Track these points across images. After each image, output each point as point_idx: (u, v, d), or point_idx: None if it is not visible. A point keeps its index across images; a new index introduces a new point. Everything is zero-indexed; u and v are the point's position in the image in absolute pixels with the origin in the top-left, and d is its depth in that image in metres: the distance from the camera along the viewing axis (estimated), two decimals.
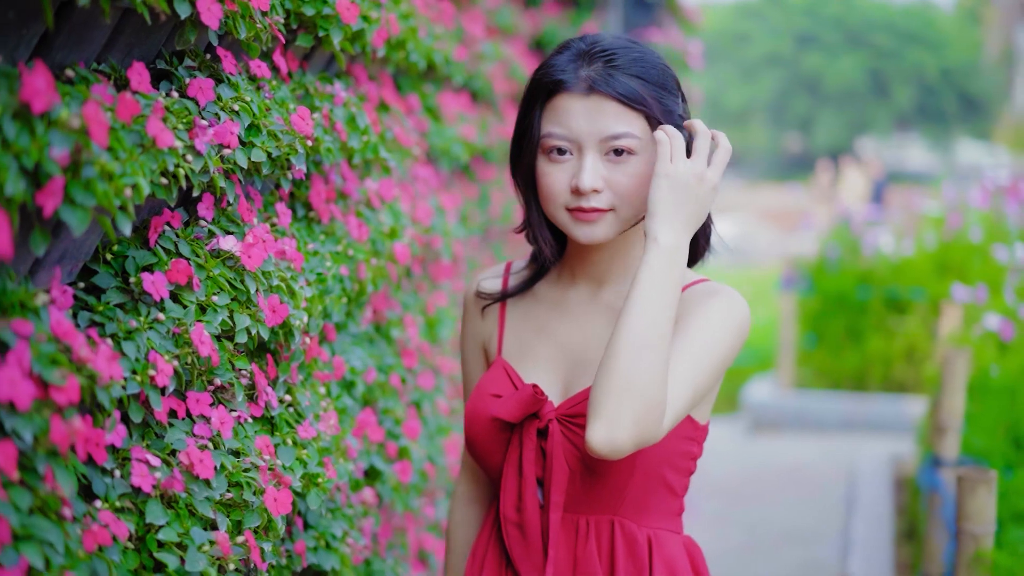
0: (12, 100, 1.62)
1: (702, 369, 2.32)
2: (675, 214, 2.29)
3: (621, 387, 2.21)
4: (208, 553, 2.08)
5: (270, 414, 2.53)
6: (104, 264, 2.16)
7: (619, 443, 2.21)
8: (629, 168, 2.37)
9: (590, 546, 2.46)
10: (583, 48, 2.42)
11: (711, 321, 2.37)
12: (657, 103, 2.38)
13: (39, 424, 1.66)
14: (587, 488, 2.45)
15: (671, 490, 2.49)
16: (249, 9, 2.33)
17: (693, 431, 2.47)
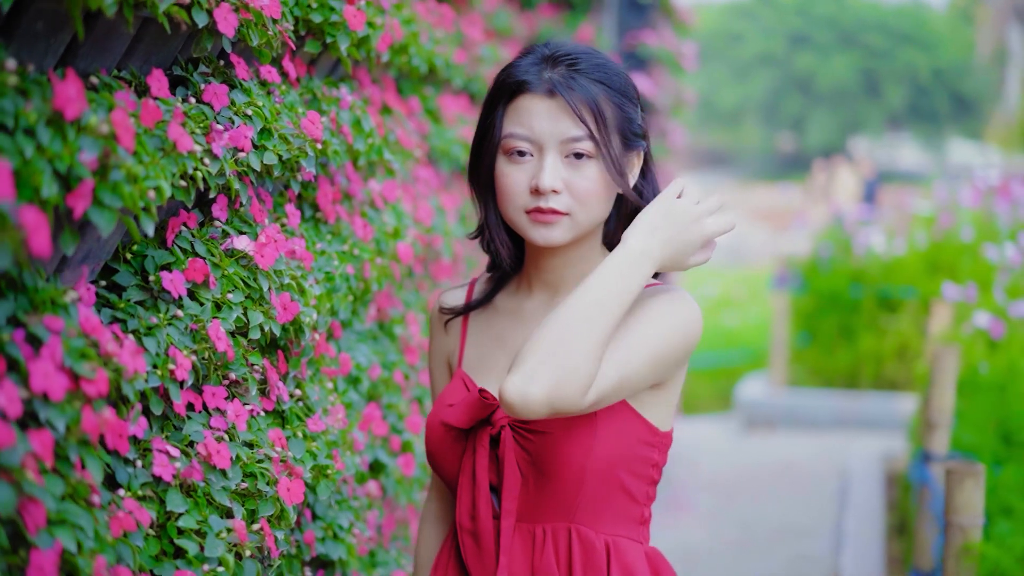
0: (46, 107, 1.71)
1: (635, 357, 2.31)
2: (656, 230, 2.33)
3: (548, 348, 2.22)
4: (226, 540, 2.17)
5: (281, 408, 2.62)
6: (124, 263, 2.25)
7: (531, 398, 2.21)
8: (588, 172, 2.39)
9: (547, 555, 2.45)
10: (547, 52, 2.44)
11: (652, 314, 2.37)
12: (618, 110, 2.42)
13: (71, 414, 1.75)
14: (541, 495, 2.44)
15: (630, 496, 2.47)
16: (262, 17, 2.42)
17: (652, 436, 2.46)
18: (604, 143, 2.38)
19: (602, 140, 2.38)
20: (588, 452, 2.39)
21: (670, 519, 8.15)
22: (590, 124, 2.38)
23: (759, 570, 7.15)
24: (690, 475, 9.39)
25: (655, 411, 2.46)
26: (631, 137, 2.45)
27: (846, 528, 7.39)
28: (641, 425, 2.44)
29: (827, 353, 11.29)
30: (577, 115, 2.37)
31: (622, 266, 2.29)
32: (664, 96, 8.64)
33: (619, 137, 2.42)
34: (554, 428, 2.40)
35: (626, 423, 2.43)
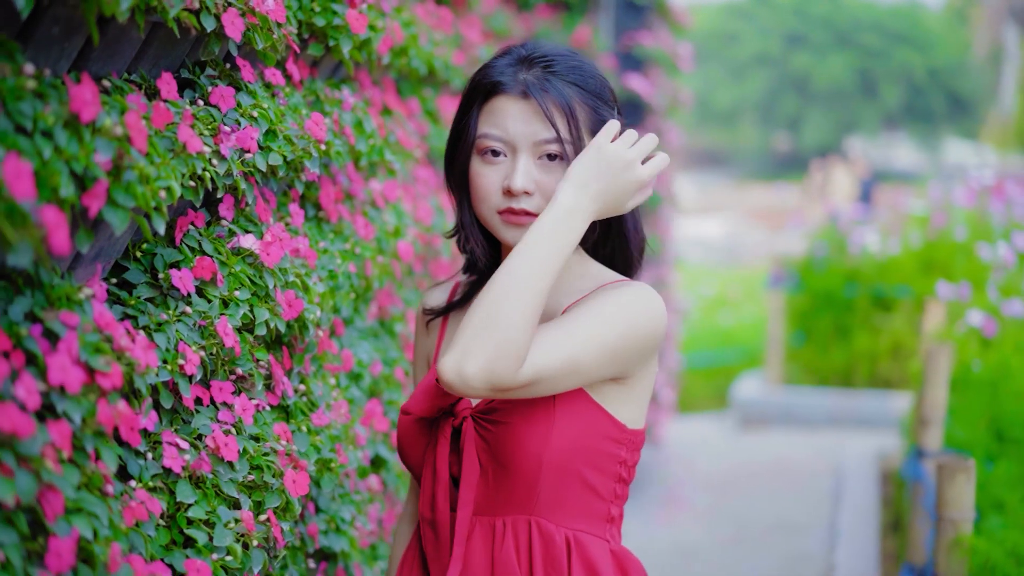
0: (62, 110, 1.77)
1: (585, 342, 2.32)
2: (587, 183, 2.32)
3: (481, 322, 2.23)
4: (233, 530, 2.23)
5: (286, 403, 2.68)
6: (135, 261, 2.31)
7: (467, 374, 2.21)
8: (559, 173, 2.41)
9: (507, 547, 2.45)
10: (523, 54, 2.46)
11: (609, 304, 2.38)
12: (592, 112, 2.43)
13: (87, 407, 1.81)
14: (500, 487, 2.44)
15: (594, 492, 2.46)
16: (267, 21, 2.48)
17: (618, 433, 2.46)
18: (575, 145, 2.40)
19: (573, 142, 2.40)
20: (545, 442, 2.39)
21: (666, 517, 8.22)
22: (561, 127, 2.40)
23: (754, 567, 7.21)
24: (686, 473, 9.45)
25: (621, 407, 2.46)
26: None
27: (841, 525, 7.44)
28: (605, 420, 2.44)
29: (822, 352, 11.33)
30: (548, 118, 2.39)
31: (551, 227, 2.29)
32: (660, 96, 8.69)
33: (592, 139, 2.42)
34: (512, 418, 2.41)
35: (588, 417, 2.43)
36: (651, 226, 8.74)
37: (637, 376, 2.46)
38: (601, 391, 2.43)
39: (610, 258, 2.61)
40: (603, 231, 2.58)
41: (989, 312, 7.06)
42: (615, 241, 2.59)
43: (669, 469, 9.52)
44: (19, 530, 1.64)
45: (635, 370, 2.44)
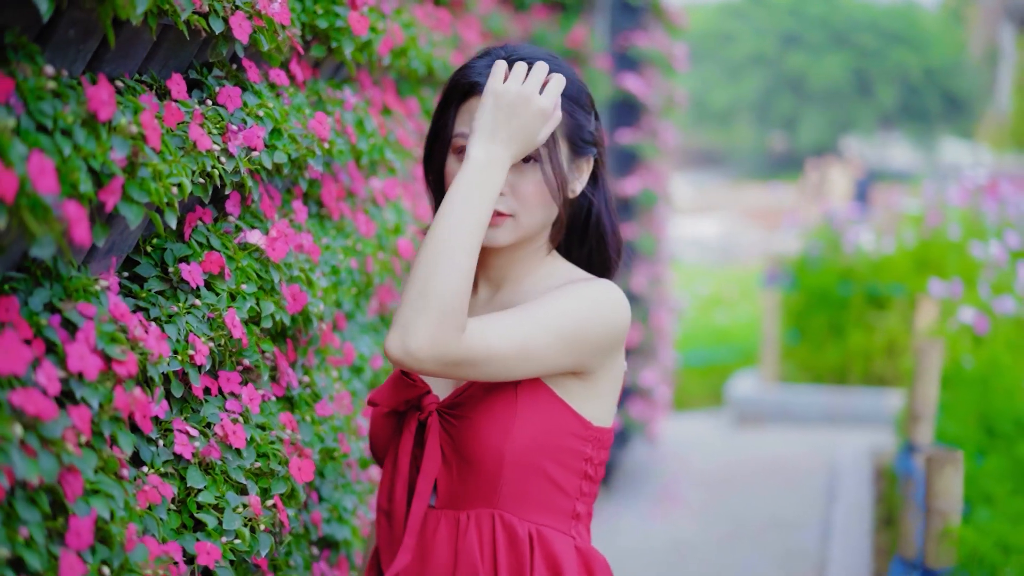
0: (80, 110, 1.85)
1: (538, 327, 2.35)
2: (494, 132, 2.34)
3: (417, 295, 2.25)
4: (242, 515, 2.32)
5: (291, 394, 2.76)
6: (145, 256, 2.39)
7: (412, 349, 2.24)
8: (534, 175, 2.44)
9: (470, 540, 2.47)
10: (502, 55, 2.49)
11: (568, 296, 2.42)
12: (568, 116, 2.47)
13: (104, 393, 1.89)
14: (465, 481, 2.47)
15: (558, 488, 2.49)
16: (273, 24, 2.56)
17: (582, 430, 2.48)
18: (549, 148, 2.44)
19: (547, 145, 2.43)
20: (506, 436, 2.42)
21: (662, 513, 8.30)
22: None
23: (749, 563, 7.29)
24: (682, 470, 9.52)
25: (585, 404, 2.49)
26: (580, 144, 2.51)
27: (834, 521, 7.53)
28: (569, 416, 2.47)
29: (817, 350, 11.40)
30: None
31: (469, 184, 2.32)
32: (655, 96, 8.76)
33: (567, 143, 2.48)
34: (475, 413, 2.44)
35: (551, 412, 2.45)
36: (646, 225, 8.81)
37: (599, 372, 2.49)
38: (564, 386, 2.46)
39: (587, 259, 2.65)
40: (580, 233, 2.62)
41: (981, 309, 7.15)
42: (592, 242, 2.63)
43: (665, 466, 9.60)
44: (41, 509, 1.72)
45: (596, 366, 2.47)
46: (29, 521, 1.69)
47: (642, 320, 8.76)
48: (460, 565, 2.47)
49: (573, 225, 2.61)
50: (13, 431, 1.60)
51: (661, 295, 9.53)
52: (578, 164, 2.53)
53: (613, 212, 2.64)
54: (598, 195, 2.60)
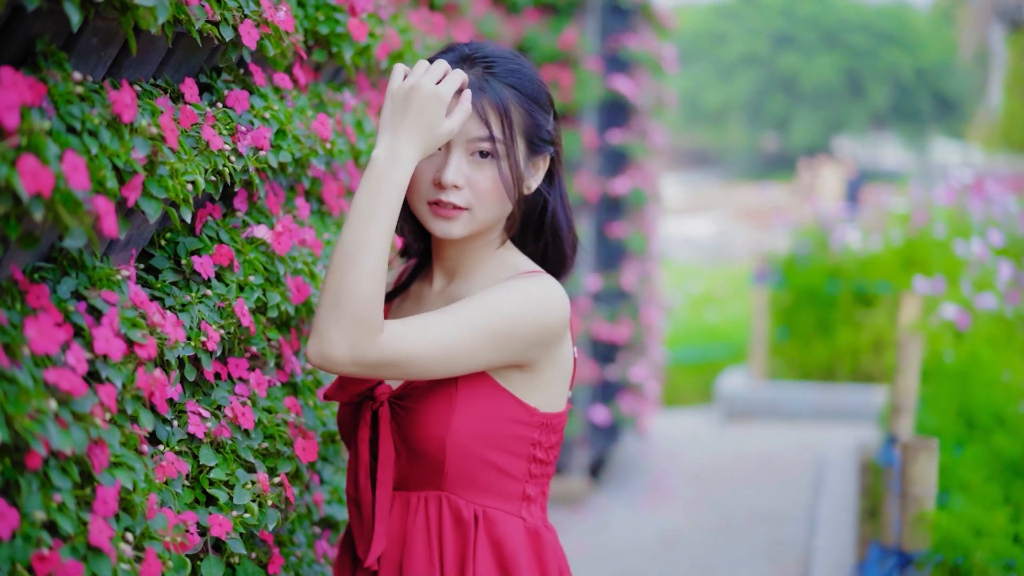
0: (106, 112, 2.01)
1: (464, 326, 2.41)
2: (395, 128, 2.39)
3: (329, 301, 2.32)
4: (251, 491, 2.47)
5: (294, 380, 2.92)
6: (160, 249, 2.54)
7: (329, 355, 2.32)
8: (489, 171, 2.51)
9: (418, 520, 2.57)
10: (466, 52, 2.56)
11: (499, 292, 2.48)
12: (527, 114, 2.55)
13: (127, 374, 2.05)
14: (412, 466, 2.57)
15: (503, 472, 2.56)
16: (279, 31, 2.72)
17: (527, 416, 2.56)
18: (506, 145, 2.50)
19: (505, 142, 2.50)
20: (447, 427, 2.50)
21: (651, 506, 8.45)
22: (494, 126, 2.50)
23: (736, 554, 7.45)
24: (671, 464, 9.68)
25: (532, 394, 2.56)
26: (537, 142, 2.58)
27: (820, 513, 7.67)
28: (513, 404, 2.54)
29: (805, 347, 11.54)
30: (482, 117, 2.49)
31: (373, 186, 2.37)
32: (645, 97, 8.91)
33: (525, 141, 2.55)
34: (418, 404, 2.52)
35: (494, 402, 2.53)
36: (636, 224, 8.97)
37: (542, 364, 2.55)
38: (508, 378, 2.53)
39: (542, 254, 2.73)
40: (535, 228, 2.71)
41: (963, 306, 7.30)
42: (548, 238, 2.71)
43: (655, 461, 9.76)
44: (72, 478, 1.87)
45: (537, 358, 2.53)
46: (62, 488, 1.85)
47: (632, 317, 8.92)
48: (408, 544, 2.58)
49: (528, 221, 2.70)
50: (48, 406, 1.76)
51: (651, 292, 9.69)
52: (535, 162, 2.61)
53: (568, 209, 2.73)
54: (553, 192, 2.68)
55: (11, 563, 1.73)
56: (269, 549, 2.68)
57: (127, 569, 1.94)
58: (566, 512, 8.10)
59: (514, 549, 2.56)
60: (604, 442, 8.99)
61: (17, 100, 1.68)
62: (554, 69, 7.82)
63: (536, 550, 2.61)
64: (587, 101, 8.01)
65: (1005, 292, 7.22)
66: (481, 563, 2.55)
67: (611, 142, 8.47)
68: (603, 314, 8.52)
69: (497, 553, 2.57)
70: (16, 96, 1.68)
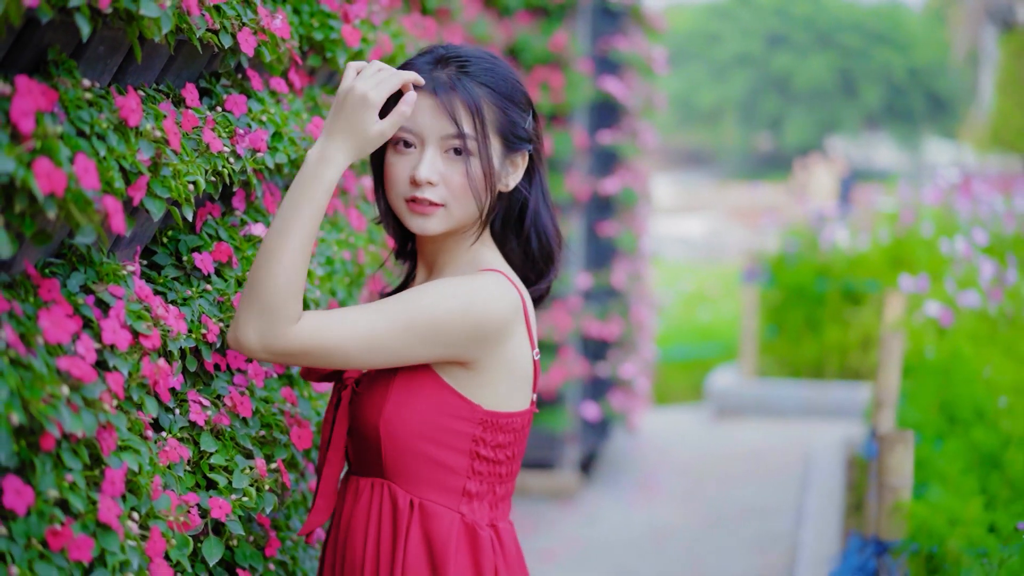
0: (113, 117, 2.14)
1: (384, 322, 2.47)
2: (328, 130, 2.48)
3: (247, 292, 2.42)
4: (249, 476, 2.60)
5: (290, 372, 3.05)
6: (162, 246, 2.67)
7: (243, 342, 2.42)
8: (464, 168, 2.57)
9: (361, 504, 2.66)
10: (443, 53, 2.62)
11: (430, 289, 2.53)
12: (501, 112, 2.61)
13: (132, 363, 2.18)
14: (360, 450, 2.67)
15: (443, 466, 2.61)
16: (275, 38, 2.85)
17: (468, 412, 2.60)
18: (478, 142, 2.57)
19: (478, 139, 2.57)
20: (379, 415, 2.58)
21: (641, 501, 8.58)
22: (465, 123, 2.56)
23: (725, 547, 7.58)
24: (661, 460, 9.81)
25: (476, 390, 2.60)
26: (513, 140, 2.64)
27: (807, 507, 7.80)
28: (453, 400, 2.59)
29: (794, 344, 11.66)
30: (452, 114, 2.55)
31: (299, 184, 2.46)
32: (635, 98, 9.04)
33: (500, 139, 2.62)
34: (365, 390, 2.63)
35: (429, 393, 2.59)
36: (626, 223, 9.10)
37: (485, 362, 2.59)
38: (451, 373, 2.59)
39: (524, 253, 2.78)
40: (516, 226, 2.76)
41: (946, 303, 7.44)
42: (531, 235, 2.76)
43: (646, 457, 9.89)
44: (82, 460, 2.00)
45: (477, 356, 2.58)
46: (73, 469, 1.97)
47: (622, 315, 9.04)
48: (350, 527, 2.69)
49: (508, 219, 2.74)
50: (61, 391, 1.89)
51: (641, 291, 9.82)
52: (512, 159, 2.66)
53: (551, 207, 2.77)
54: (534, 190, 2.73)
55: (27, 537, 1.86)
56: (266, 533, 2.80)
57: (133, 545, 2.07)
58: (557, 507, 8.23)
59: (445, 543, 2.61)
60: (595, 438, 9.12)
61: (32, 106, 1.81)
62: (545, 71, 7.96)
63: (471, 547, 2.65)
64: (578, 102, 8.15)
65: (988, 290, 7.35)
66: (411, 552, 2.61)
67: (601, 142, 8.59)
68: (594, 312, 8.65)
69: (427, 545, 2.62)
70: (31, 102, 1.81)
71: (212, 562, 2.49)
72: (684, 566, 7.21)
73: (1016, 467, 5.02)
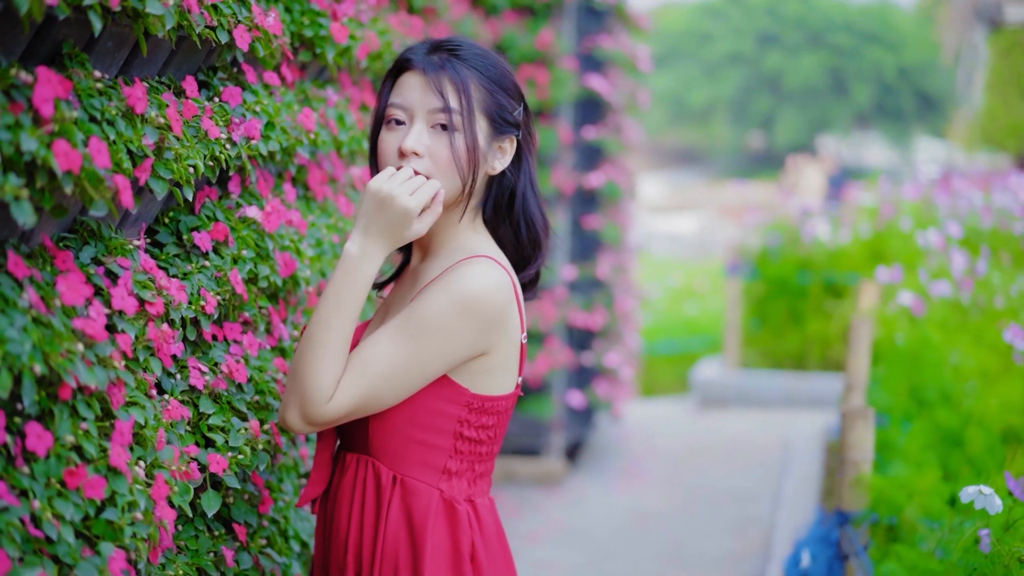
0: (121, 105, 2.38)
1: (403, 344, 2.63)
2: (367, 228, 2.64)
3: (291, 378, 2.63)
4: (244, 436, 2.83)
5: (282, 345, 3.28)
6: (163, 226, 2.90)
7: (289, 423, 2.64)
8: (449, 141, 2.68)
9: (347, 477, 2.80)
10: (437, 41, 2.77)
11: (429, 296, 2.66)
12: (489, 95, 2.73)
13: (139, 327, 2.42)
14: (349, 429, 2.81)
15: (424, 444, 2.74)
16: (268, 35, 3.08)
17: (452, 394, 2.72)
18: (463, 117, 2.69)
19: (462, 114, 2.69)
20: None
21: (625, 486, 8.81)
22: (451, 98, 2.69)
23: (705, 529, 7.81)
24: (645, 448, 10.04)
25: (464, 375, 2.72)
26: (500, 123, 2.76)
27: (784, 492, 8.05)
28: (441, 382, 2.71)
29: (777, 336, 11.88)
30: (439, 90, 2.69)
31: (339, 279, 2.64)
32: (619, 95, 9.26)
33: (487, 120, 2.74)
34: None
35: None
36: (611, 216, 9.33)
37: (496, 346, 2.73)
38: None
39: (515, 239, 2.88)
40: (505, 211, 2.86)
41: (918, 293, 7.68)
42: (519, 220, 2.87)
43: (630, 445, 10.12)
44: (95, 411, 2.23)
45: (492, 343, 2.72)
46: (87, 419, 2.21)
47: (606, 305, 9.27)
48: (337, 500, 2.84)
49: (499, 204, 2.85)
50: (77, 347, 2.12)
51: (625, 282, 10.04)
52: (500, 144, 2.78)
53: (538, 194, 2.88)
54: (522, 176, 2.84)
55: (46, 476, 2.09)
56: (260, 492, 3.04)
57: (140, 489, 2.30)
58: (543, 492, 8.46)
59: (424, 517, 2.73)
60: (580, 426, 9.35)
61: (51, 94, 2.04)
62: (531, 68, 8.19)
63: (449, 521, 2.76)
64: (563, 99, 8.37)
65: (960, 280, 7.58)
66: (392, 524, 2.75)
67: (586, 138, 8.82)
68: (579, 303, 8.88)
69: (407, 518, 2.75)
70: (50, 90, 2.04)
71: (211, 513, 2.73)
72: (664, 547, 7.45)
73: (976, 444, 5.26)
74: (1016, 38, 24.84)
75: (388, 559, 2.75)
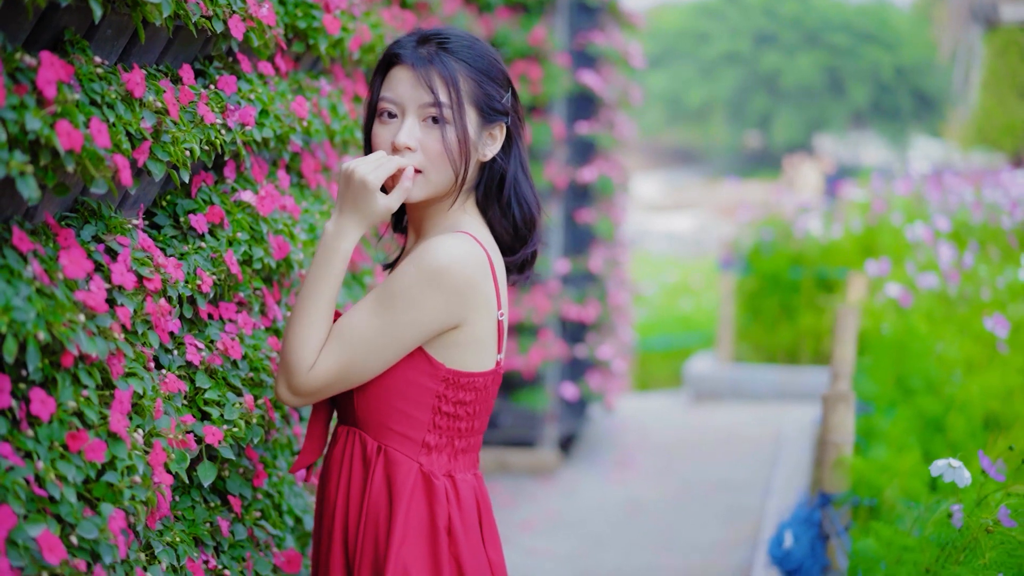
0: (121, 89, 2.49)
1: (372, 315, 2.75)
2: (340, 207, 2.79)
3: (280, 352, 2.81)
4: (239, 410, 2.94)
5: (276, 326, 3.39)
6: (161, 208, 3.01)
7: (279, 394, 2.81)
8: (440, 135, 2.77)
9: (338, 447, 2.93)
10: (426, 34, 2.84)
11: (397, 278, 2.77)
12: (477, 86, 2.81)
13: (138, 302, 2.53)
14: (339, 401, 2.94)
15: (407, 417, 2.84)
16: (262, 25, 3.19)
17: (430, 369, 2.82)
18: (453, 110, 2.77)
19: (452, 107, 2.77)
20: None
21: (618, 476, 8.92)
22: (441, 93, 2.77)
23: (696, 518, 7.92)
24: (639, 440, 10.15)
25: (441, 350, 2.82)
26: (489, 111, 2.84)
27: (775, 481, 8.13)
28: (417, 355, 2.81)
29: (770, 331, 11.97)
30: (429, 84, 2.77)
31: (321, 253, 2.79)
32: (611, 91, 9.36)
33: (476, 110, 2.82)
34: None
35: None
36: (604, 210, 9.44)
37: (472, 319, 2.81)
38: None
39: (512, 221, 2.96)
40: (496, 195, 2.93)
41: (906, 285, 7.79)
42: (512, 203, 2.94)
43: (623, 438, 10.23)
44: (95, 380, 2.34)
45: (464, 314, 2.80)
46: (88, 386, 2.32)
47: (599, 298, 9.38)
48: (328, 468, 2.97)
49: (489, 188, 2.92)
50: (79, 318, 2.23)
51: (618, 276, 10.15)
52: (490, 131, 2.86)
53: (530, 177, 2.97)
54: (512, 161, 2.91)
55: (50, 440, 2.20)
56: (254, 466, 3.15)
57: (139, 454, 2.41)
58: (537, 483, 8.57)
59: (401, 487, 2.83)
60: (574, 418, 9.46)
61: (54, 76, 2.15)
62: (524, 64, 8.30)
63: (427, 493, 2.86)
64: (556, 94, 8.48)
65: (947, 272, 7.69)
66: (375, 492, 2.86)
67: (579, 133, 8.93)
68: (572, 296, 8.99)
69: (388, 487, 2.85)
70: (53, 73, 2.15)
71: (206, 483, 2.84)
72: (655, 534, 7.56)
73: (957, 430, 5.38)
74: (1012, 37, 24.91)
75: (370, 528, 2.87)
